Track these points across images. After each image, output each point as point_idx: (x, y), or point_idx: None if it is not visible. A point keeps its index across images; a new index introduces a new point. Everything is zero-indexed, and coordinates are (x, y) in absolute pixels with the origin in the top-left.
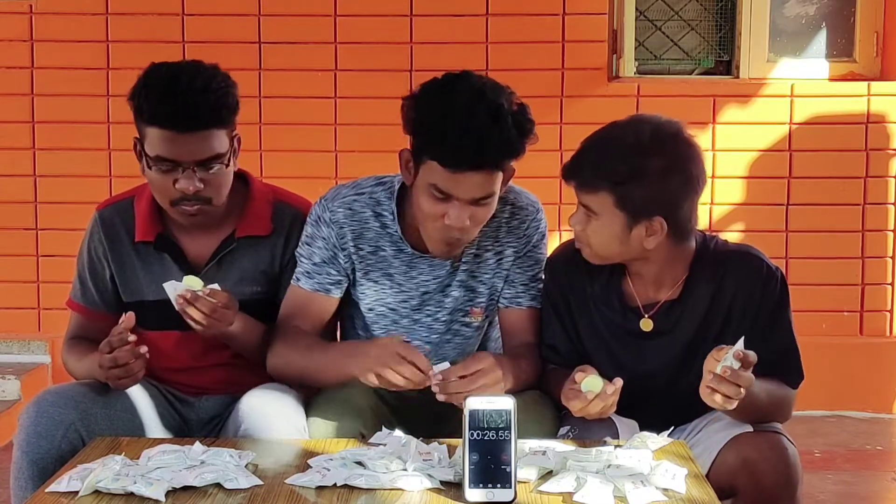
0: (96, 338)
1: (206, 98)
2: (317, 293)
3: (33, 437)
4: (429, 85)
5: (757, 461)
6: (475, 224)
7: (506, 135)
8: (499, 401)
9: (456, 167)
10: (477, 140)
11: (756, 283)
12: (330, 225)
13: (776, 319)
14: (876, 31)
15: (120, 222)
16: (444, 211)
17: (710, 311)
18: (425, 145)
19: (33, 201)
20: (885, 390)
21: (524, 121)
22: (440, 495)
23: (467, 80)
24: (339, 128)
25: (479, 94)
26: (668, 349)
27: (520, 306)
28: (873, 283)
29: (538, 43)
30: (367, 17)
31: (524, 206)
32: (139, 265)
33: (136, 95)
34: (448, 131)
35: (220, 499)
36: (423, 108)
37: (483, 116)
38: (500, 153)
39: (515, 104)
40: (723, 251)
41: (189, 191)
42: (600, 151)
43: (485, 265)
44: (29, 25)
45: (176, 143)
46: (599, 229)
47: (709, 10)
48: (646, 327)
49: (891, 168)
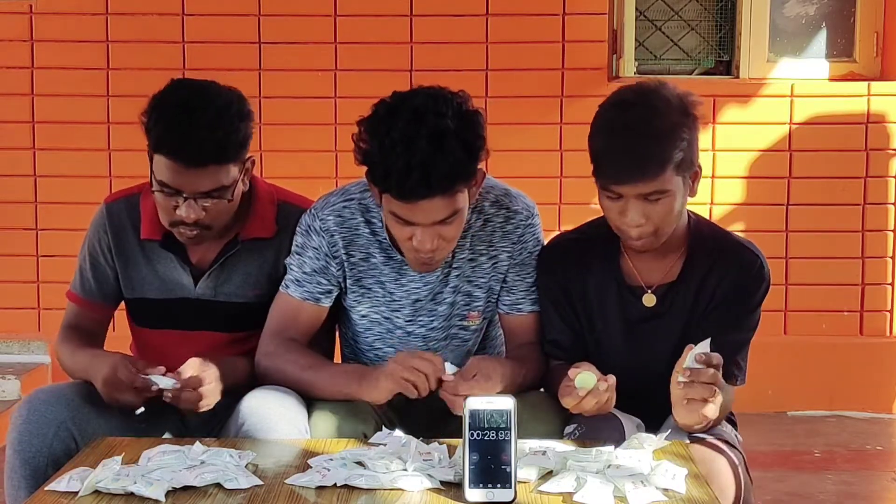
0: (91, 328)
1: (212, 136)
2: (306, 302)
3: (25, 435)
4: (371, 115)
5: None
6: (447, 241)
7: (451, 160)
8: (499, 401)
9: (406, 200)
10: (421, 171)
11: (746, 275)
12: (321, 233)
13: (745, 315)
14: (876, 31)
15: (127, 217)
16: (411, 234)
17: (700, 294)
18: (373, 179)
19: (33, 201)
20: (885, 390)
21: (473, 139)
22: (440, 495)
23: (409, 104)
24: (339, 128)
25: (419, 120)
26: (669, 331)
27: (521, 312)
28: (873, 283)
29: (538, 43)
30: (367, 17)
31: (519, 210)
32: (143, 262)
33: (147, 116)
34: (391, 166)
35: (220, 499)
36: (366, 142)
37: (424, 146)
38: (449, 181)
39: (466, 115)
40: (722, 237)
41: (189, 219)
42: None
43: (480, 269)
44: (29, 25)
45: (180, 175)
46: (669, 205)
47: (709, 10)
48: (648, 303)
49: (891, 168)
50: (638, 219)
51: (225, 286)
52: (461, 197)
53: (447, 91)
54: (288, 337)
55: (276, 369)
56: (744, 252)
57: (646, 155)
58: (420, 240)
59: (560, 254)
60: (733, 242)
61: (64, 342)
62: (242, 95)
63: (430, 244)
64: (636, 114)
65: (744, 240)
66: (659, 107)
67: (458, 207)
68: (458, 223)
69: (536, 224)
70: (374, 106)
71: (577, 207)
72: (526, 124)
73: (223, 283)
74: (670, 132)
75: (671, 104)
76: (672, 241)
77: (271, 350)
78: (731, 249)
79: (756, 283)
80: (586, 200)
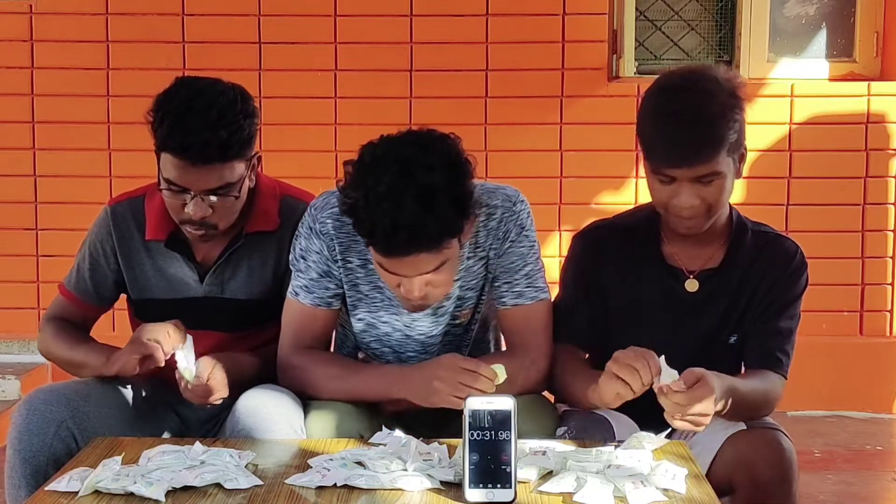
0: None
1: (216, 134)
2: (319, 308)
3: (25, 434)
4: (357, 162)
5: (753, 458)
6: (437, 287)
7: (441, 219)
8: (499, 401)
9: (392, 256)
10: (409, 232)
11: (786, 267)
12: (321, 237)
13: (788, 306)
14: (876, 31)
15: (132, 219)
16: (398, 282)
17: (744, 283)
18: (360, 232)
19: (33, 201)
20: (885, 390)
21: (462, 194)
22: (440, 495)
23: (396, 154)
24: (339, 128)
25: (407, 174)
26: (706, 318)
27: (504, 306)
28: (873, 283)
29: (538, 43)
30: (367, 17)
31: (498, 204)
32: (149, 263)
33: (152, 115)
34: (376, 222)
35: (220, 499)
36: (351, 194)
37: (412, 204)
38: (438, 239)
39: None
40: (762, 231)
41: (196, 217)
42: (701, 122)
43: (470, 273)
44: (29, 25)
45: (186, 172)
46: (721, 186)
47: (709, 10)
48: (691, 287)
49: (891, 168)
50: (691, 200)
51: (231, 282)
52: (449, 249)
53: (437, 136)
54: (306, 345)
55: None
56: (786, 243)
57: (700, 139)
58: (408, 290)
59: (595, 242)
60: (775, 235)
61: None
62: (247, 92)
63: (418, 292)
64: (688, 98)
65: (782, 233)
66: (710, 89)
67: (446, 258)
68: (449, 269)
69: (519, 211)
70: (361, 150)
71: (577, 207)
72: (526, 124)
73: (229, 280)
74: (722, 115)
75: (721, 87)
76: (714, 228)
77: (295, 363)
78: (775, 241)
79: (799, 271)
80: (586, 200)
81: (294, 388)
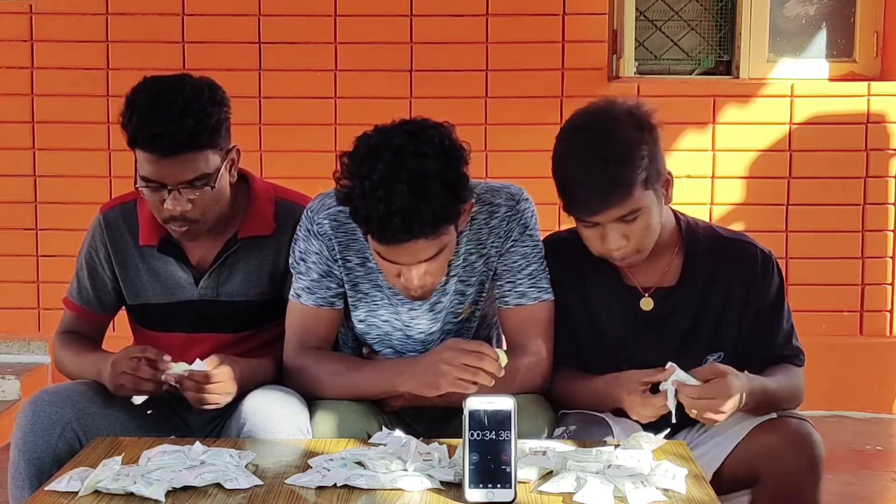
0: (89, 333)
1: (184, 123)
2: (322, 308)
3: (30, 436)
4: (352, 153)
5: (781, 447)
6: (434, 275)
7: (434, 205)
8: (499, 401)
9: (388, 244)
10: (402, 217)
11: (754, 273)
12: (319, 238)
13: (778, 307)
14: (876, 31)
15: (124, 225)
16: (397, 271)
17: (705, 300)
18: (355, 220)
19: (33, 201)
20: (885, 390)
21: (456, 178)
22: (440, 495)
23: (389, 143)
24: (339, 128)
25: (400, 162)
26: (667, 336)
27: (506, 305)
28: (873, 283)
29: (538, 43)
30: (367, 17)
31: (501, 203)
32: (143, 268)
33: (122, 114)
34: (371, 210)
35: (220, 499)
36: (346, 183)
37: (405, 192)
38: (433, 226)
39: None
40: (716, 238)
41: (176, 212)
42: (606, 165)
43: (471, 269)
44: (29, 25)
45: (160, 166)
46: (646, 221)
47: (709, 10)
48: (646, 307)
49: (891, 168)
50: (619, 241)
51: (226, 285)
52: (446, 235)
53: (430, 125)
54: (311, 347)
55: (313, 382)
56: (743, 247)
57: (610, 182)
58: (407, 278)
59: (552, 255)
60: (729, 240)
61: (64, 347)
62: (215, 83)
63: (417, 281)
64: (589, 141)
65: (737, 234)
66: (611, 129)
67: (443, 245)
68: (446, 256)
69: (523, 210)
70: (356, 141)
71: None
72: (526, 124)
73: (224, 283)
74: (628, 153)
75: (622, 122)
76: (661, 242)
77: (300, 364)
78: (729, 247)
79: (766, 275)
80: None
81: (300, 390)
